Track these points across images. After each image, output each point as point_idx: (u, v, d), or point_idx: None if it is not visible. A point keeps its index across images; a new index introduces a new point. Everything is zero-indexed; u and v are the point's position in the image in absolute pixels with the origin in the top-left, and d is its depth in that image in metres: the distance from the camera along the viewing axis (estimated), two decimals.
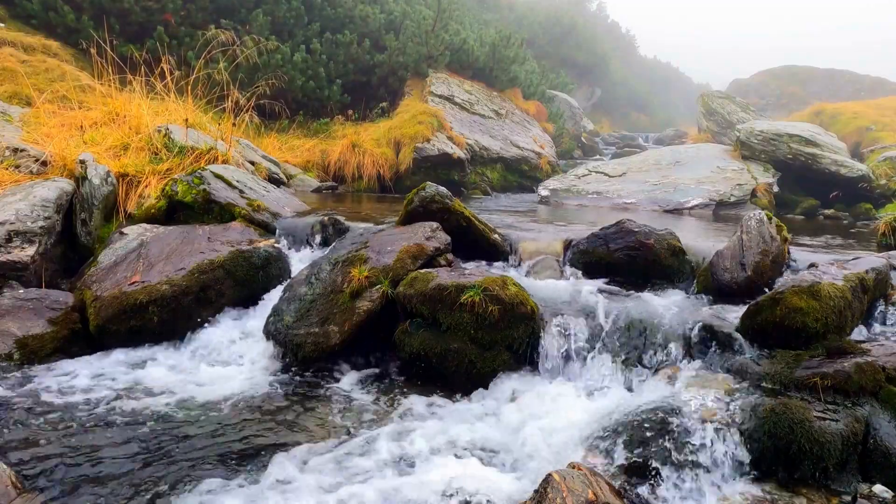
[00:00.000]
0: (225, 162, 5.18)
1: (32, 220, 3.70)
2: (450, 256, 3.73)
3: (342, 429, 2.66)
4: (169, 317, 3.43)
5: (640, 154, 9.99)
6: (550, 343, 3.07)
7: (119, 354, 3.31)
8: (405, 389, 3.08)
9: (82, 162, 4.15)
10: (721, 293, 3.38)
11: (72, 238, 4.05)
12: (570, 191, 7.84)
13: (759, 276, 3.33)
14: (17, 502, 1.96)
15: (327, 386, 3.10)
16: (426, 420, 2.76)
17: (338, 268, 3.54)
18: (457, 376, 3.07)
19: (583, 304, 3.26)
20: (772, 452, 2.30)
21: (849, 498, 2.20)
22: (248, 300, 3.73)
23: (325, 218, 4.29)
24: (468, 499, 2.14)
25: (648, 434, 2.39)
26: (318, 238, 4.21)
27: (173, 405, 2.79)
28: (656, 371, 2.86)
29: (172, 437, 2.51)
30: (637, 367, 2.91)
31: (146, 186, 4.50)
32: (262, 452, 2.43)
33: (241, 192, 4.61)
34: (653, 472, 2.29)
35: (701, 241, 4.07)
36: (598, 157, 13.56)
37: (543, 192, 7.87)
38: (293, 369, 3.24)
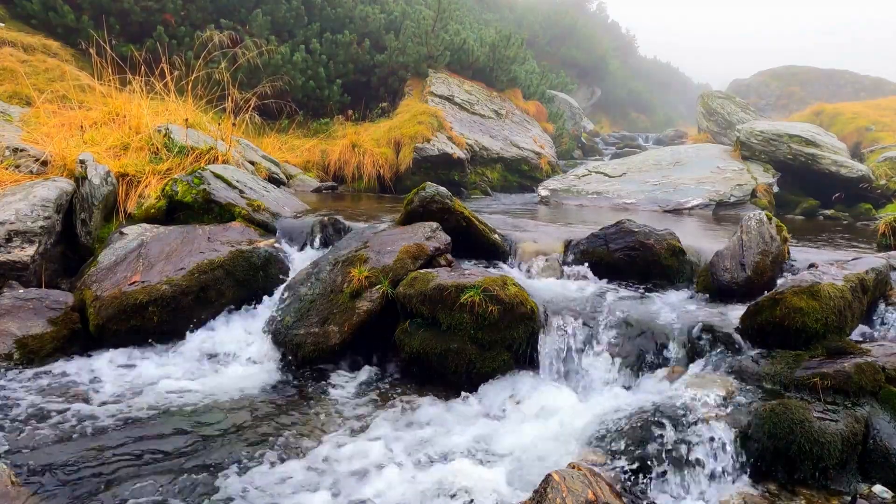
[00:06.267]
0: (225, 162, 5.18)
1: (32, 220, 3.70)
2: (450, 256, 3.73)
3: (342, 429, 2.65)
4: (169, 317, 3.43)
5: (640, 154, 9.99)
6: (550, 343, 3.07)
7: (119, 354, 3.31)
8: (405, 389, 3.08)
9: (82, 162, 4.15)
10: (721, 293, 3.38)
11: (72, 238, 4.05)
12: (569, 191, 7.84)
13: (759, 277, 3.33)
14: (16, 502, 1.96)
15: (327, 386, 3.10)
16: (426, 420, 2.76)
17: (338, 268, 3.54)
18: (457, 376, 3.07)
19: (583, 305, 3.26)
20: (772, 452, 2.30)
21: (849, 498, 2.20)
22: (248, 300, 3.73)
23: (325, 218, 4.29)
24: (468, 498, 2.14)
25: (648, 434, 2.39)
26: (317, 238, 4.21)
27: (173, 405, 2.79)
28: (656, 371, 2.87)
29: (172, 436, 2.51)
30: (637, 367, 2.91)
31: (146, 186, 4.50)
32: (263, 453, 2.43)
33: (241, 191, 4.61)
34: (652, 472, 2.29)
35: (701, 241, 4.07)
36: (597, 157, 13.55)
37: (543, 192, 7.87)
38: (293, 369, 3.24)
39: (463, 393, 3.01)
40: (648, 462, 2.31)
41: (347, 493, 2.19)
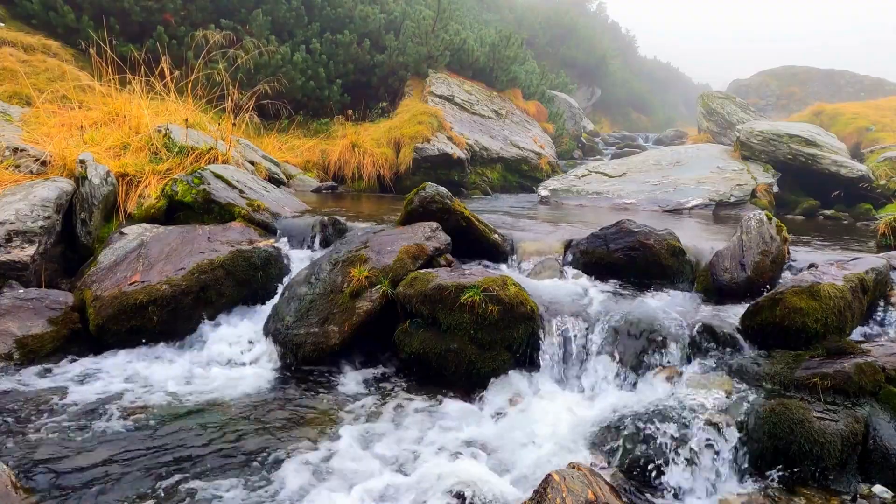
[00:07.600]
0: (225, 162, 5.18)
1: (32, 220, 3.70)
2: (450, 256, 3.73)
3: (342, 429, 2.65)
4: (169, 317, 3.43)
5: (640, 154, 9.98)
6: (550, 343, 3.07)
7: (119, 354, 3.31)
8: (405, 389, 3.08)
9: (82, 162, 4.15)
10: (721, 293, 3.38)
11: (72, 238, 4.05)
12: (570, 191, 7.84)
13: (759, 277, 3.33)
14: (16, 502, 1.96)
15: (327, 386, 3.10)
16: (426, 420, 2.76)
17: (338, 268, 3.54)
18: (456, 376, 3.07)
19: (583, 305, 3.26)
20: (772, 452, 2.30)
21: (848, 498, 2.20)
22: (248, 300, 3.73)
23: (325, 218, 4.29)
24: (468, 499, 2.14)
25: (648, 434, 2.39)
26: (317, 238, 4.21)
27: (173, 405, 2.79)
28: (656, 371, 2.86)
29: (172, 437, 2.51)
30: (637, 367, 2.91)
31: (146, 186, 4.50)
32: (263, 453, 2.43)
33: (241, 191, 4.61)
34: (652, 472, 2.29)
35: (701, 241, 4.06)
36: (598, 157, 13.53)
37: (543, 192, 7.86)
38: (293, 369, 3.24)
39: (463, 393, 3.00)
40: (648, 462, 2.31)
41: (349, 493, 2.19)
